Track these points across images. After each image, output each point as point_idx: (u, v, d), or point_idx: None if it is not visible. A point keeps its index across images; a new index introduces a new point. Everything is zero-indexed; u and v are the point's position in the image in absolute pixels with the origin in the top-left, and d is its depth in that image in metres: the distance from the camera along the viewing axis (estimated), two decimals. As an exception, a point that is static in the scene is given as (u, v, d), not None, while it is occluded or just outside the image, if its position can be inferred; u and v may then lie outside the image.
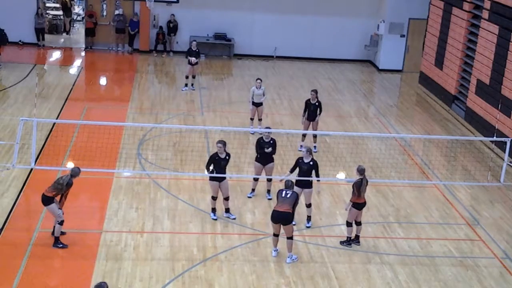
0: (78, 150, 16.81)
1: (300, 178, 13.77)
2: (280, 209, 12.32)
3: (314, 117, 17.91)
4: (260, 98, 18.90)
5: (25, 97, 20.87)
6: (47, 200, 12.35)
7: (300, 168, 13.90)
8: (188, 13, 27.77)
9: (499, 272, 12.96)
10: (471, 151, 19.20)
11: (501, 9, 20.28)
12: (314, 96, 17.87)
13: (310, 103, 17.89)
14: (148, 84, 24.14)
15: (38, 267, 11.87)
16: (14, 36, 26.41)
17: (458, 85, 23.19)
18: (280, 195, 12.53)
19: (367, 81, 26.94)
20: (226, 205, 14.17)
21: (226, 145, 14.02)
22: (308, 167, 13.82)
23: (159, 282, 11.72)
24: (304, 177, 13.76)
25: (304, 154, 13.93)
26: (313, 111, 17.87)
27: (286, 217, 12.29)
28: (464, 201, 15.98)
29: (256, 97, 18.84)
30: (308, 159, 13.86)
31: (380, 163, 17.64)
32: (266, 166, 15.03)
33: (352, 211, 13.24)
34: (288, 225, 12.35)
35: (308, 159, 13.85)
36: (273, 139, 15.11)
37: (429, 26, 25.73)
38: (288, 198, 12.42)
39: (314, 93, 17.90)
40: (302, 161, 13.91)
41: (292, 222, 13.24)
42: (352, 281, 12.21)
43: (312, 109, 17.85)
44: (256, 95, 18.84)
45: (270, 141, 15.00)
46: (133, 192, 15.02)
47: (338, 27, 28.43)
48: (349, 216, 13.32)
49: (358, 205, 13.17)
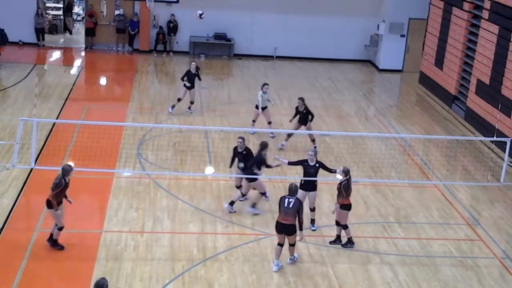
0: (78, 150, 16.80)
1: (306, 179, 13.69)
2: (283, 221, 12.04)
3: (305, 123, 17.89)
4: (265, 103, 18.72)
5: (25, 97, 20.87)
6: (47, 204, 12.18)
7: (306, 171, 13.77)
8: (188, 13, 27.68)
9: (499, 272, 12.96)
10: (471, 151, 19.20)
11: (501, 9, 20.28)
12: (302, 104, 17.85)
13: (298, 110, 17.94)
14: (148, 84, 24.14)
15: (38, 267, 11.87)
16: (14, 36, 26.41)
17: (458, 85, 23.19)
18: (283, 204, 12.09)
19: (367, 81, 26.94)
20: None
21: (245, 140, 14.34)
22: (315, 170, 13.75)
23: (159, 282, 11.72)
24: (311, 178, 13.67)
25: (310, 157, 13.77)
26: (303, 118, 17.87)
27: (290, 229, 12.07)
28: (464, 201, 15.98)
29: (263, 101, 18.64)
30: (313, 162, 13.77)
31: (380, 163, 17.64)
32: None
33: (343, 213, 13.09)
34: (292, 235, 12.16)
35: (314, 162, 13.77)
36: (247, 149, 14.48)
37: (429, 26, 25.73)
38: (291, 208, 11.98)
39: (301, 101, 17.90)
40: (307, 164, 13.79)
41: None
42: (352, 281, 12.21)
43: (302, 116, 17.86)
44: (263, 99, 18.63)
45: (243, 152, 14.40)
46: (133, 192, 15.02)
47: (338, 27, 28.43)
48: (343, 219, 13.19)
49: (347, 206, 13.08)
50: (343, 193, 12.96)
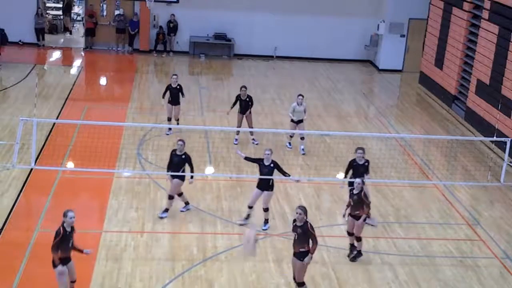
0: (78, 150, 16.80)
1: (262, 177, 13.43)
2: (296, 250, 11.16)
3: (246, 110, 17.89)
4: (300, 115, 17.52)
5: (25, 97, 20.86)
6: (52, 263, 10.35)
7: (260, 171, 13.47)
8: (188, 13, 27.77)
9: (499, 272, 12.96)
10: (471, 151, 19.19)
11: (501, 9, 20.28)
12: (245, 93, 17.83)
13: (241, 98, 17.89)
14: (148, 84, 24.14)
15: (38, 267, 11.86)
16: (14, 36, 26.42)
17: (458, 85, 23.19)
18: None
19: (367, 81, 26.94)
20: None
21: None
22: (269, 170, 13.42)
23: (159, 282, 11.72)
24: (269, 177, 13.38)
25: (266, 157, 13.39)
26: (244, 107, 17.86)
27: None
28: (464, 201, 15.98)
29: (296, 114, 17.47)
30: (268, 161, 13.41)
31: (380, 163, 17.63)
32: (173, 180, 13.88)
33: (362, 225, 12.53)
34: None
35: (269, 162, 13.41)
36: (185, 154, 13.83)
37: (429, 26, 25.73)
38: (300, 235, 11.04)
39: (245, 89, 17.93)
40: (262, 164, 13.44)
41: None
42: (352, 281, 12.21)
43: (244, 105, 17.84)
44: (297, 111, 17.46)
45: (182, 156, 13.83)
46: (133, 192, 15.01)
47: (338, 27, 28.42)
48: (360, 231, 12.59)
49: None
50: (366, 202, 12.37)
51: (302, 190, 15.76)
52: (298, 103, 17.47)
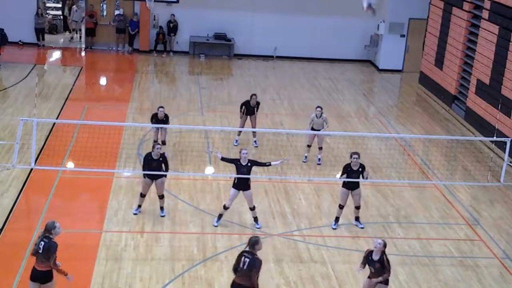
0: (78, 150, 16.80)
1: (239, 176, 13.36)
2: (239, 282, 10.22)
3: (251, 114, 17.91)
4: (319, 126, 17.00)
5: (25, 97, 20.86)
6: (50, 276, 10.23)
7: (237, 171, 13.39)
8: (188, 13, 27.77)
9: (499, 272, 12.96)
10: (471, 151, 19.19)
11: (501, 9, 20.28)
12: (254, 101, 17.79)
13: (250, 105, 17.80)
14: (148, 84, 24.14)
15: (38, 267, 11.85)
16: (14, 36, 26.40)
17: (458, 85, 23.19)
18: (238, 262, 10.19)
19: (367, 81, 26.94)
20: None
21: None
22: (247, 169, 13.34)
23: (159, 282, 11.72)
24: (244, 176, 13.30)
25: (243, 157, 13.30)
26: (251, 111, 17.85)
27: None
28: (464, 201, 15.98)
29: (315, 125, 17.03)
30: (245, 161, 13.33)
31: (380, 163, 17.64)
32: (156, 181, 13.77)
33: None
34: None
35: (246, 162, 13.33)
36: (162, 156, 13.70)
37: (429, 26, 25.73)
38: (245, 269, 10.09)
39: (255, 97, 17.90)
40: (240, 164, 13.38)
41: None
42: (352, 281, 12.21)
43: (251, 110, 17.83)
44: (316, 123, 17.02)
45: (160, 159, 13.64)
46: (133, 192, 15.00)
47: (338, 27, 28.42)
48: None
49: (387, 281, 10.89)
50: (388, 268, 10.68)
51: (302, 190, 15.76)
52: (317, 115, 16.95)
